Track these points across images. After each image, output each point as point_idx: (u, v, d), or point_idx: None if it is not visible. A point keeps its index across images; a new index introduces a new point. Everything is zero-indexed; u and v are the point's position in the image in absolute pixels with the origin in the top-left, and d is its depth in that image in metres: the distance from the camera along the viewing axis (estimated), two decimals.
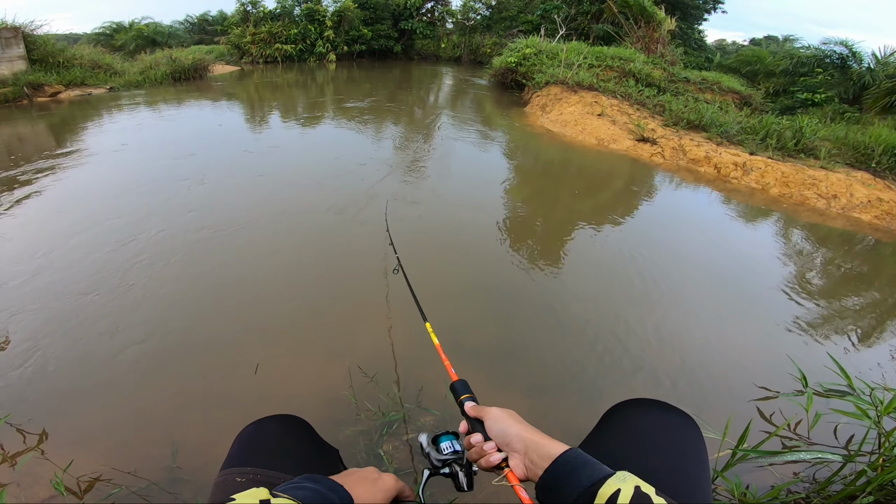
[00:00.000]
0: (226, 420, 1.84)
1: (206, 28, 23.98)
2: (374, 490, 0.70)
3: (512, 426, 0.74)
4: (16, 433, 1.77)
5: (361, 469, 0.76)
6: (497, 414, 0.78)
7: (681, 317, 2.71)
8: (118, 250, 3.11)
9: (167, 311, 2.54)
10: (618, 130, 7.00)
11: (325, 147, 6.06)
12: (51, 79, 9.53)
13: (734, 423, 1.65)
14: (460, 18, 20.94)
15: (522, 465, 0.70)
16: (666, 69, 9.97)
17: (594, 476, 0.60)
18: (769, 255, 3.73)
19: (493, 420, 0.77)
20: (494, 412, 0.78)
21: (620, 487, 0.56)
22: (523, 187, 4.97)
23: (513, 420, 0.76)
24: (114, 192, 4.18)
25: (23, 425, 1.80)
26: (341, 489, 0.65)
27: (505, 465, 0.72)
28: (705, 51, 18.54)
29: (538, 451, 0.68)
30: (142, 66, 12.07)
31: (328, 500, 0.61)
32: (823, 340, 2.62)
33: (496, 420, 0.77)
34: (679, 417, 0.85)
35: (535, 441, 0.70)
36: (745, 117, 7.24)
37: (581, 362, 2.29)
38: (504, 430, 0.74)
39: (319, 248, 3.31)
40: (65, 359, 2.17)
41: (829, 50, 10.70)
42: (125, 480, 1.59)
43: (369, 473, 0.74)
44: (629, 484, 0.57)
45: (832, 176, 5.17)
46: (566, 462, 0.64)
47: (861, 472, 1.36)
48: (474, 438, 0.77)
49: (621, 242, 3.69)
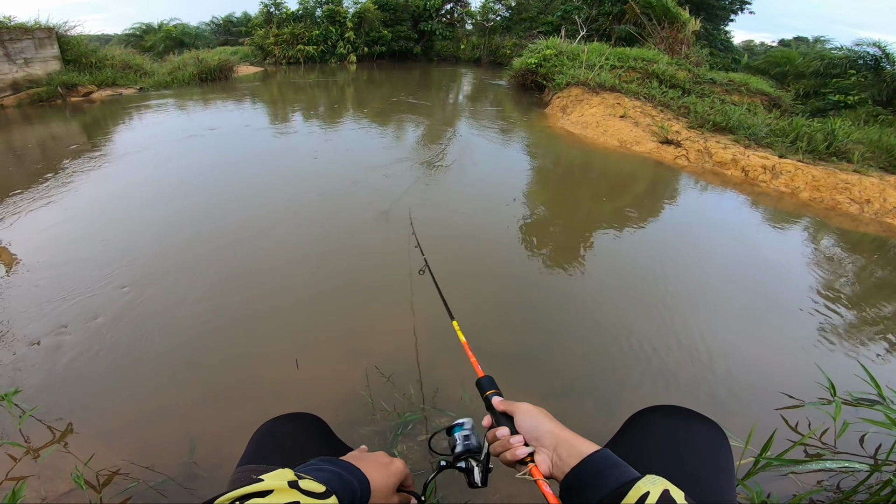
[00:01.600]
0: (243, 417, 1.86)
1: (230, 29, 24.54)
2: (387, 474, 0.72)
3: (544, 422, 0.74)
4: (40, 426, 1.80)
5: (373, 453, 0.77)
6: (528, 409, 0.77)
7: (705, 323, 2.63)
8: (156, 244, 3.20)
9: (195, 308, 2.59)
10: (640, 132, 6.87)
11: (349, 149, 6.11)
12: (84, 79, 9.86)
13: (758, 432, 1.60)
14: (479, 20, 20.91)
15: (549, 461, 0.69)
16: (691, 70, 9.76)
17: (623, 478, 0.59)
18: (798, 260, 3.60)
19: (524, 414, 0.76)
20: (526, 407, 0.78)
21: (649, 490, 0.55)
22: (544, 189, 4.92)
23: (545, 416, 0.76)
24: (143, 203, 4.31)
25: (47, 419, 1.84)
26: (358, 472, 0.66)
27: (530, 460, 0.71)
28: (732, 52, 18.10)
29: (568, 449, 0.67)
30: (170, 66, 12.44)
31: (347, 482, 0.62)
32: (853, 349, 2.51)
33: (527, 414, 0.76)
34: (705, 425, 0.83)
35: (566, 439, 0.69)
36: (775, 119, 7.04)
37: (602, 367, 2.25)
38: (536, 425, 0.74)
39: (342, 249, 3.33)
40: (92, 354, 2.23)
41: (862, 51, 10.29)
42: (143, 475, 1.61)
43: (381, 457, 0.75)
44: (658, 487, 0.55)
45: (865, 180, 4.97)
46: (596, 462, 0.63)
47: (887, 481, 1.31)
48: (500, 432, 0.76)
49: (644, 246, 3.61)
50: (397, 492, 0.76)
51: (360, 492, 0.63)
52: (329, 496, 0.57)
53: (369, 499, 0.65)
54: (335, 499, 0.57)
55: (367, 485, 0.65)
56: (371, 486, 0.66)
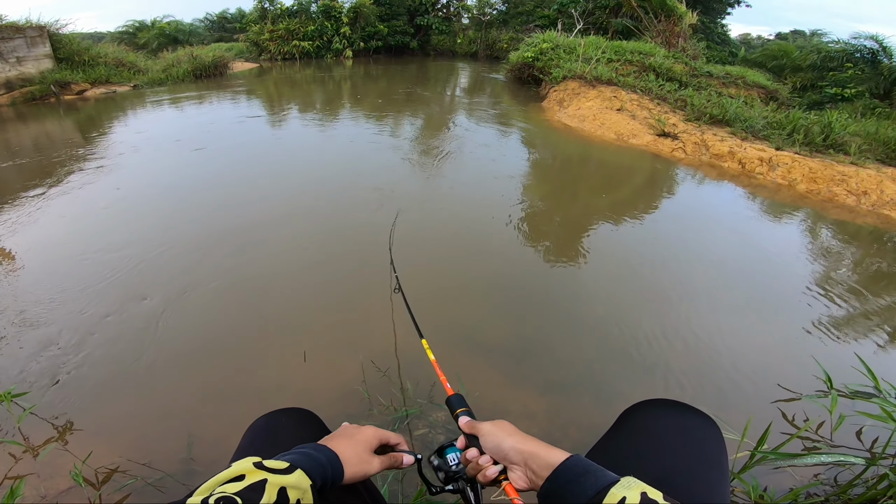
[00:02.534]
0: (241, 413, 1.86)
1: (225, 26, 24.35)
2: (353, 443, 0.73)
3: (505, 439, 0.72)
4: (41, 424, 1.80)
5: (339, 429, 0.80)
6: (488, 429, 0.76)
7: (702, 316, 2.64)
8: (148, 243, 3.19)
9: (192, 308, 2.58)
10: (638, 125, 6.86)
11: (345, 147, 6.09)
12: (77, 77, 9.79)
13: (754, 425, 1.60)
14: (476, 14, 20.76)
15: (525, 476, 0.68)
16: (688, 63, 9.73)
17: (598, 484, 0.58)
18: (795, 252, 3.61)
19: (487, 436, 0.75)
20: (486, 427, 0.76)
21: (626, 495, 0.54)
22: (541, 182, 4.91)
23: (505, 432, 0.74)
24: (135, 203, 4.29)
25: (47, 416, 1.84)
26: (325, 448, 0.69)
27: (503, 479, 0.70)
28: (729, 45, 18.01)
29: (538, 461, 0.66)
30: (164, 63, 12.32)
31: (314, 458, 0.65)
32: (850, 341, 2.52)
33: (489, 435, 0.75)
34: (699, 419, 0.82)
35: (532, 451, 0.68)
36: (772, 112, 7.02)
37: (598, 361, 2.25)
38: (498, 444, 0.72)
39: (337, 246, 3.32)
40: (91, 351, 2.22)
41: (860, 44, 10.27)
42: (141, 472, 1.61)
43: (345, 430, 0.78)
44: (635, 491, 0.55)
45: (862, 172, 4.97)
46: (567, 471, 0.62)
47: (883, 475, 1.32)
48: (470, 454, 0.75)
49: (641, 239, 3.61)
50: (387, 455, 0.78)
51: (332, 466, 0.66)
52: (293, 470, 0.60)
53: (343, 470, 0.68)
54: (301, 472, 0.61)
55: (336, 458, 0.68)
56: (342, 459, 0.69)
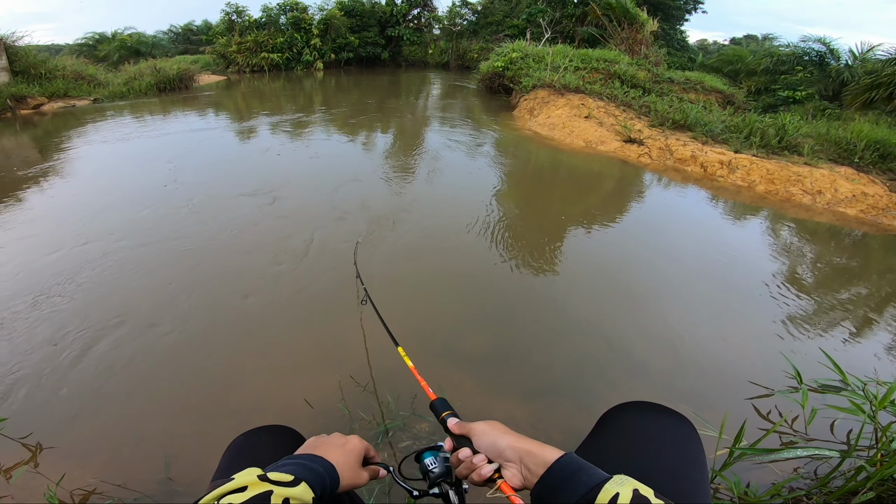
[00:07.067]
0: (219, 432, 1.82)
1: (190, 38, 23.88)
2: (345, 453, 0.73)
3: (501, 437, 0.73)
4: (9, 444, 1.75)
5: (327, 437, 0.78)
6: (482, 428, 0.76)
7: (673, 317, 2.71)
8: (108, 257, 3.06)
9: (160, 324, 2.49)
10: (605, 132, 7.05)
11: (317, 160, 6.02)
12: (33, 90, 9.42)
13: (731, 421, 1.64)
14: (447, 24, 21.07)
15: (520, 474, 0.68)
16: (650, 70, 10.09)
17: (591, 481, 0.59)
18: (758, 252, 3.77)
19: (481, 435, 0.75)
20: (480, 426, 0.77)
21: (619, 491, 0.56)
22: (513, 191, 4.97)
23: (499, 431, 0.75)
24: (96, 220, 4.12)
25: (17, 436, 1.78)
26: (321, 459, 0.69)
27: (498, 477, 0.70)
28: (688, 51, 18.83)
29: (533, 459, 0.67)
30: (126, 76, 11.99)
31: (314, 470, 0.65)
32: (815, 336, 2.63)
33: (483, 434, 0.75)
34: (675, 420, 0.84)
35: (528, 449, 0.69)
36: (729, 116, 7.34)
37: (576, 365, 2.28)
38: (494, 441, 0.73)
39: (309, 260, 3.27)
40: (60, 371, 2.11)
41: (808, 48, 10.92)
42: (118, 493, 1.57)
43: (336, 439, 0.76)
44: (627, 487, 0.56)
45: (816, 172, 5.25)
46: (561, 468, 0.63)
47: (860, 467, 1.36)
48: (462, 454, 0.75)
49: (612, 244, 3.70)
50: (368, 467, 0.78)
51: (329, 477, 0.66)
52: (298, 483, 0.60)
53: (339, 481, 0.68)
54: (305, 485, 0.61)
55: (333, 469, 0.68)
56: (337, 470, 0.68)
